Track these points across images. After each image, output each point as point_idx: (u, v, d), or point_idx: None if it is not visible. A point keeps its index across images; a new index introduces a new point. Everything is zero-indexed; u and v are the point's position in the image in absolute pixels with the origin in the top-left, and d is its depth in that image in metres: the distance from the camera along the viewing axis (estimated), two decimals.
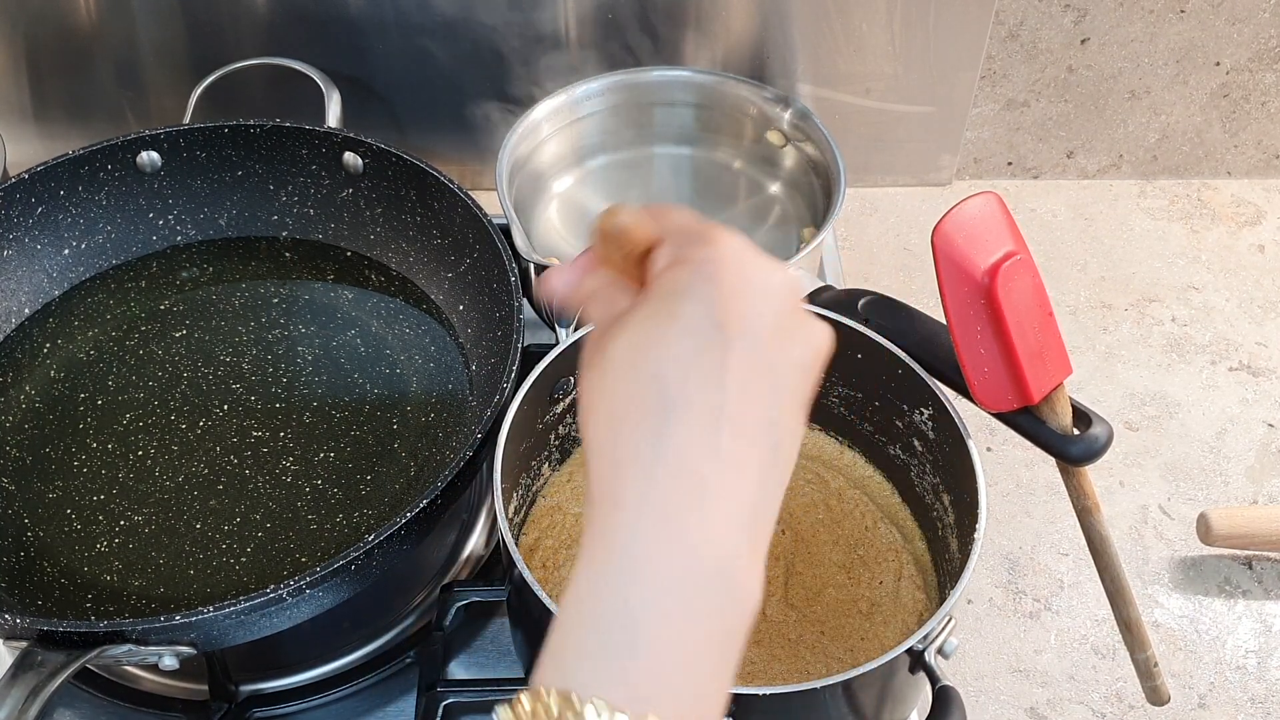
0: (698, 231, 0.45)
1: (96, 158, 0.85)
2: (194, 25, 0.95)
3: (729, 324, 0.42)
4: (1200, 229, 1.05)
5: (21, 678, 0.59)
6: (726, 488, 0.41)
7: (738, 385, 0.41)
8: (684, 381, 0.41)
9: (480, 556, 0.80)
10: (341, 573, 0.64)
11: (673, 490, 0.40)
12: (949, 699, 0.59)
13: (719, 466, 0.40)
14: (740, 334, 0.42)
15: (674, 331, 0.42)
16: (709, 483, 0.40)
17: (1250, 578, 0.83)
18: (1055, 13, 0.97)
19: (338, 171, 0.87)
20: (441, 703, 0.70)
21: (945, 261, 0.60)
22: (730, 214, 0.94)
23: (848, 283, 0.96)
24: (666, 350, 0.42)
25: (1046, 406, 0.64)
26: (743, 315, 0.42)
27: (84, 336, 0.84)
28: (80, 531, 0.74)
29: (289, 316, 0.86)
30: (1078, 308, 0.99)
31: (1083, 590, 0.81)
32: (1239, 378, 0.94)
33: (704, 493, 0.40)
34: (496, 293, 0.80)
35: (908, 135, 1.03)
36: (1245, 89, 1.03)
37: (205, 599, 0.71)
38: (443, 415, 0.80)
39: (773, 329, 0.43)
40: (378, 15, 0.94)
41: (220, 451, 0.78)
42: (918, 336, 0.70)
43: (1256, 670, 0.78)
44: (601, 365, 0.44)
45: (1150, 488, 0.87)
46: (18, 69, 0.98)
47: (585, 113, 0.94)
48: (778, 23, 0.96)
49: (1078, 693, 0.77)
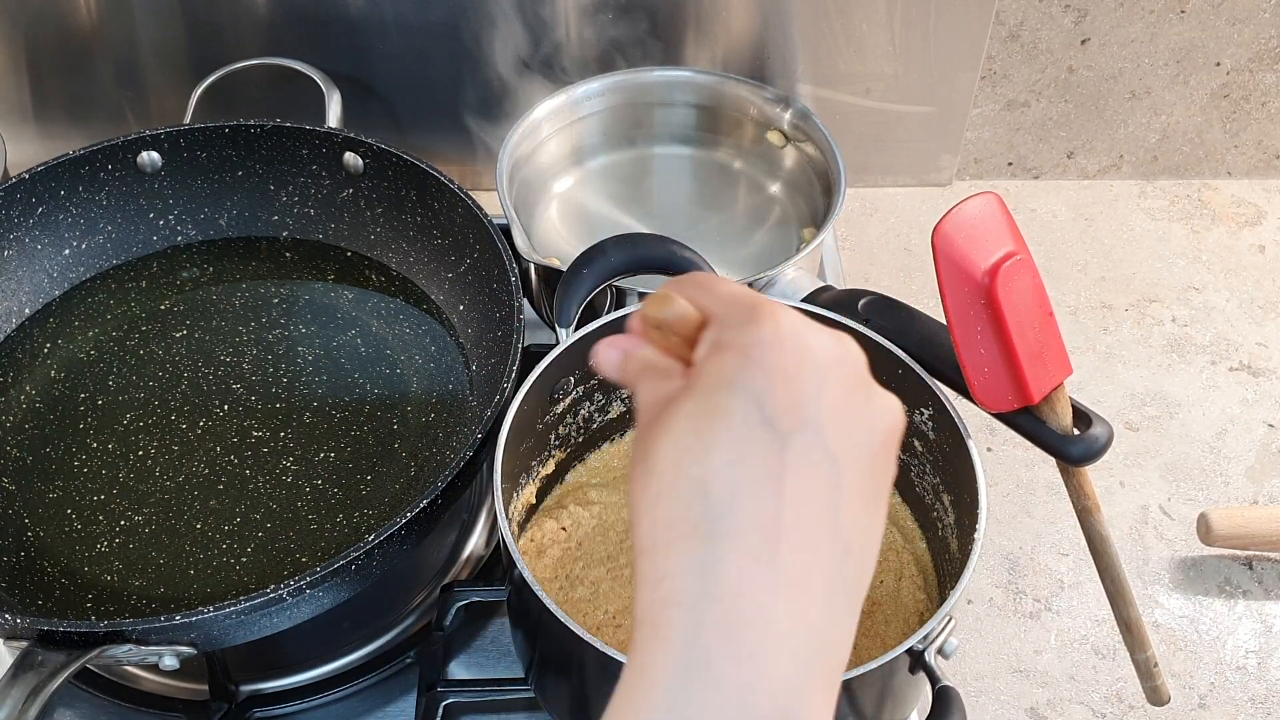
0: (746, 308, 0.40)
1: (97, 158, 0.85)
2: (194, 25, 0.95)
3: (781, 418, 0.37)
4: (1200, 229, 1.05)
5: (22, 677, 0.59)
6: (785, 618, 0.36)
7: (795, 490, 0.37)
8: (732, 494, 0.36)
9: (480, 556, 0.80)
10: (342, 573, 0.64)
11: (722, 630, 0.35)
12: (949, 699, 0.59)
13: (776, 593, 0.36)
14: (795, 428, 0.37)
15: (720, 433, 0.37)
16: (764, 614, 0.36)
17: (1250, 578, 0.82)
18: (1056, 13, 0.97)
19: (338, 172, 0.87)
20: (441, 703, 0.71)
21: (945, 262, 0.60)
22: (730, 214, 0.94)
23: (848, 283, 0.96)
24: (712, 457, 0.37)
25: (1047, 407, 0.64)
26: (796, 405, 0.37)
27: (84, 336, 0.84)
28: (81, 531, 0.74)
29: (289, 316, 0.86)
30: (1078, 308, 0.99)
31: (1083, 590, 0.81)
32: (1239, 378, 0.94)
33: (758, 628, 0.35)
34: (497, 293, 0.80)
35: (908, 135, 1.03)
36: (1245, 89, 1.03)
37: (205, 599, 0.71)
38: (443, 415, 0.80)
39: (833, 414, 0.38)
40: (378, 15, 0.94)
41: (221, 451, 0.78)
42: (918, 336, 0.70)
43: (1257, 670, 0.78)
44: (645, 470, 0.39)
45: (1150, 488, 0.87)
46: (18, 69, 0.98)
47: (585, 113, 0.94)
48: (778, 23, 0.96)
49: (1078, 693, 0.77)
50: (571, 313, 0.72)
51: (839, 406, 0.38)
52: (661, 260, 0.74)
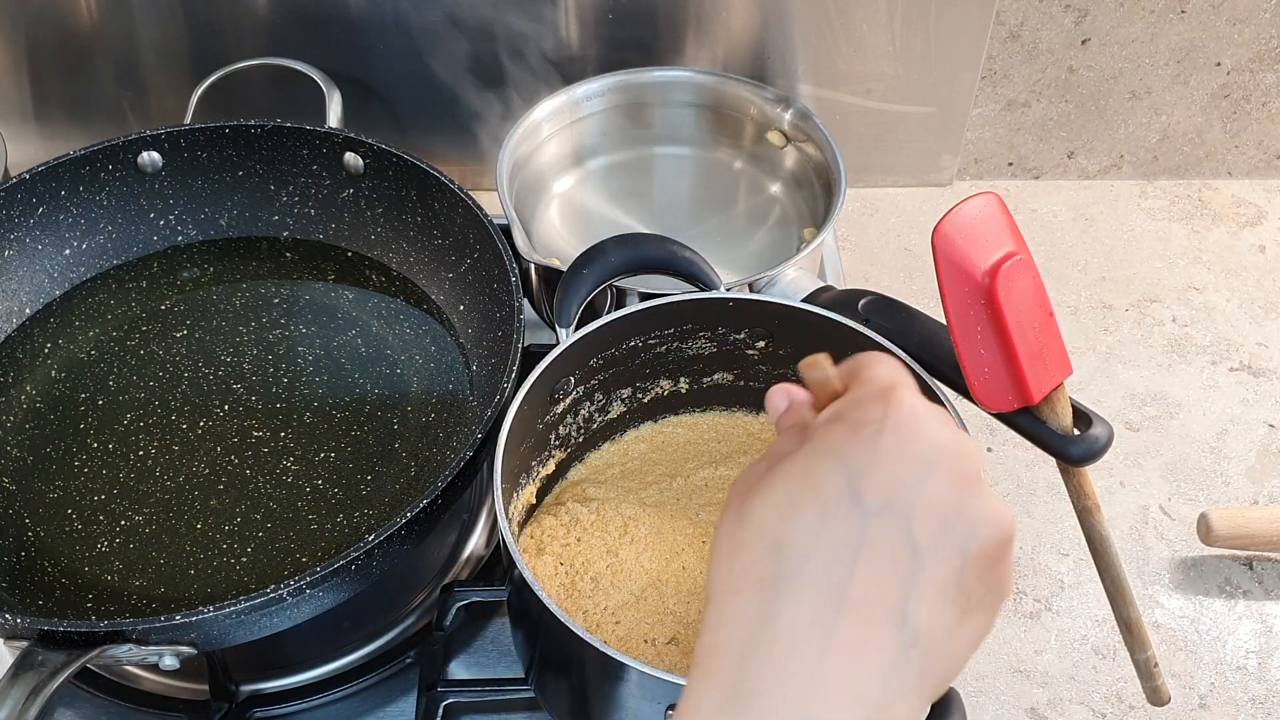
0: (878, 388, 0.40)
1: (97, 158, 0.85)
2: (195, 25, 0.95)
3: (869, 496, 0.37)
4: (1201, 229, 1.05)
5: (22, 677, 0.59)
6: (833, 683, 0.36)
7: (867, 567, 0.37)
8: (804, 556, 0.37)
9: (480, 557, 0.80)
10: (342, 573, 0.64)
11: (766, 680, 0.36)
12: (949, 699, 0.59)
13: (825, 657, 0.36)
14: (881, 509, 0.37)
15: (808, 498, 0.38)
16: (811, 674, 0.36)
17: (1251, 578, 0.82)
18: (1056, 13, 0.97)
19: (338, 172, 0.87)
20: (442, 703, 0.71)
21: (945, 262, 0.60)
22: (730, 214, 0.94)
23: (848, 283, 0.96)
24: (797, 518, 0.38)
25: (1047, 407, 0.64)
26: (889, 488, 0.37)
27: (85, 336, 0.84)
28: (81, 531, 0.74)
29: (290, 316, 0.86)
30: (1078, 308, 0.99)
31: (1083, 590, 0.81)
32: (1239, 378, 0.94)
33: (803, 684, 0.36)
34: (497, 293, 0.80)
35: (908, 135, 1.03)
36: (1246, 89, 1.03)
37: (206, 599, 0.71)
38: (443, 415, 0.80)
39: (928, 507, 0.38)
40: (378, 15, 0.94)
41: (221, 451, 0.78)
42: (918, 336, 0.70)
43: (1257, 671, 0.78)
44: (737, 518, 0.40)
45: (1151, 488, 0.87)
46: (18, 69, 0.98)
47: (585, 113, 0.95)
48: (778, 23, 0.96)
49: (1078, 693, 0.77)
50: (572, 313, 0.72)
51: (937, 501, 0.38)
52: (661, 260, 0.74)
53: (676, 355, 0.74)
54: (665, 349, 0.73)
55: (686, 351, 0.74)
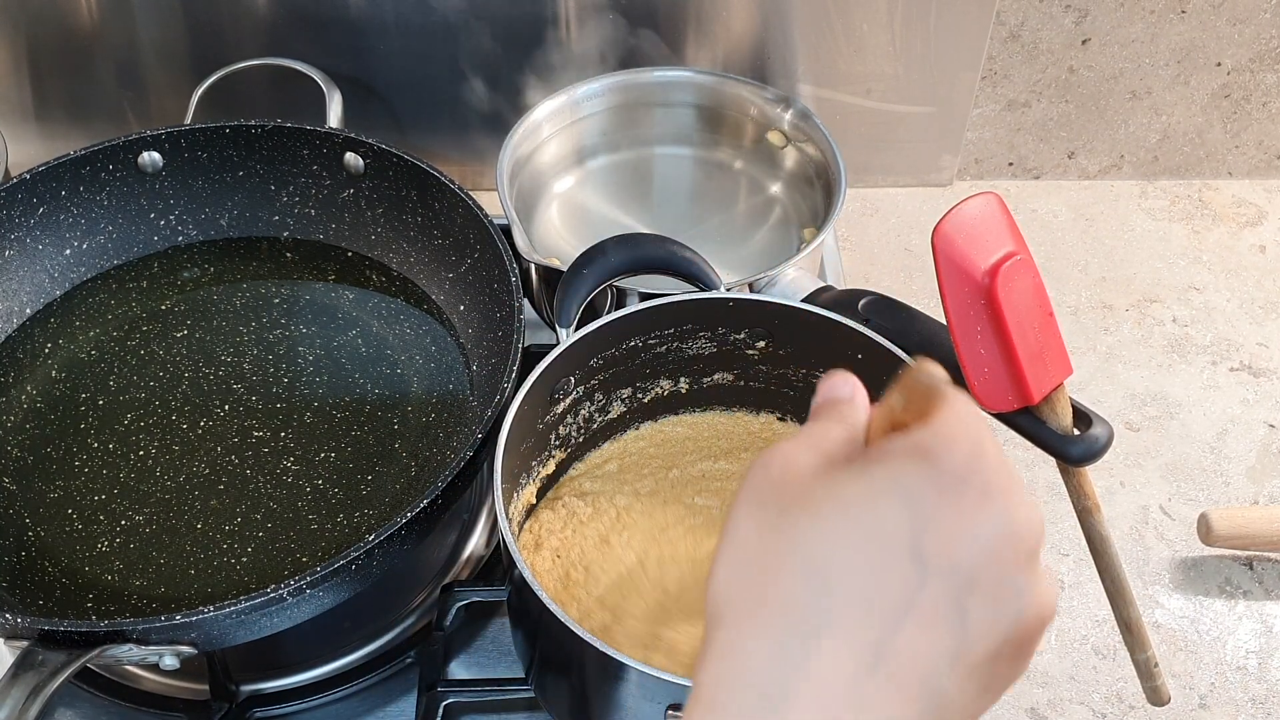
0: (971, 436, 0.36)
1: (98, 158, 0.85)
2: (195, 25, 0.95)
3: (933, 554, 0.35)
4: (1201, 229, 1.05)
5: (22, 677, 0.59)
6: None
7: (915, 629, 0.35)
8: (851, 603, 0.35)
9: (480, 556, 0.80)
10: (342, 573, 0.64)
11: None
12: None
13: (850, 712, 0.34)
14: (941, 571, 0.35)
15: (866, 541, 0.35)
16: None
17: (1251, 578, 0.82)
18: (1056, 13, 0.97)
19: (339, 172, 0.88)
20: (442, 703, 0.71)
21: (945, 262, 0.60)
22: (730, 214, 0.94)
23: (848, 283, 0.96)
24: (850, 558, 0.35)
25: (1047, 407, 0.64)
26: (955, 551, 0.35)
27: (85, 336, 0.84)
28: (81, 531, 0.74)
29: (290, 317, 0.86)
30: (1078, 308, 0.99)
31: (1083, 590, 0.81)
32: (1240, 378, 0.94)
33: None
34: (497, 293, 0.80)
35: (908, 136, 1.03)
36: (1246, 89, 1.03)
37: (206, 599, 0.71)
38: (443, 415, 0.80)
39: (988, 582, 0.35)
40: (378, 15, 0.94)
41: (221, 451, 0.78)
42: (918, 336, 0.70)
43: (1257, 671, 0.78)
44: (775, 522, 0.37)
45: (1151, 488, 0.87)
46: (19, 69, 0.98)
47: (585, 113, 0.94)
48: (778, 23, 0.96)
49: (1078, 693, 0.77)
50: (572, 313, 0.72)
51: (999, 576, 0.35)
52: (661, 260, 0.74)
53: (676, 355, 0.74)
54: (665, 349, 0.73)
55: (686, 351, 0.74)
